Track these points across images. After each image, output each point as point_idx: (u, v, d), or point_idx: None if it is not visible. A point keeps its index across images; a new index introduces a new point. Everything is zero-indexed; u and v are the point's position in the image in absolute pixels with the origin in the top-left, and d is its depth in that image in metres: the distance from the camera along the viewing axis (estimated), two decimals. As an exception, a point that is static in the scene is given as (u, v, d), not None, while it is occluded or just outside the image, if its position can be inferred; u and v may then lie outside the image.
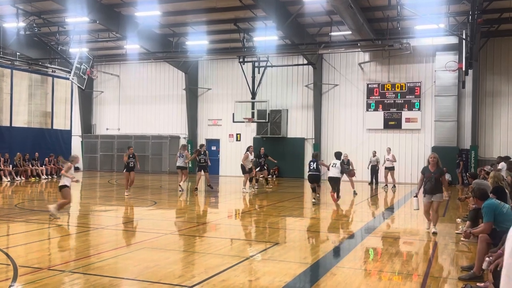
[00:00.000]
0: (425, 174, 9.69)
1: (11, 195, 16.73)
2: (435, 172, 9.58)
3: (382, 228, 11.11)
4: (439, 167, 9.70)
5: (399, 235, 10.23)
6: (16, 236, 9.31)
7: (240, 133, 28.46)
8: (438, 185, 9.56)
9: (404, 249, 8.79)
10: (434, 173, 9.58)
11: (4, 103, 23.89)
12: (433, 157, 9.74)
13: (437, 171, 9.60)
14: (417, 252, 8.61)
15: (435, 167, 9.64)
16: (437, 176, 9.55)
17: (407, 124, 24.84)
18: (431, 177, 9.55)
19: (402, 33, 21.40)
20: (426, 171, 9.69)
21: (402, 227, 11.72)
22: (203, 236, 9.64)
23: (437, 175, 9.56)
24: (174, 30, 25.17)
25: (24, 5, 21.34)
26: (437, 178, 9.56)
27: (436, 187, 9.54)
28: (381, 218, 12.85)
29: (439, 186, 9.58)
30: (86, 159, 31.18)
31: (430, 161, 9.73)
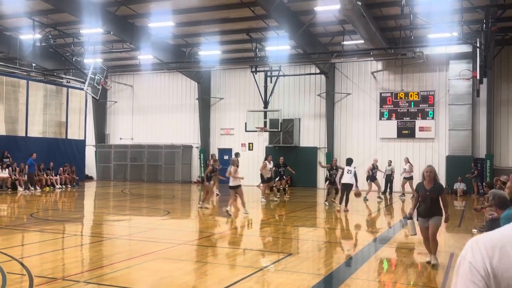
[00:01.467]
0: (419, 192, 7.86)
1: (26, 205, 16.89)
2: (432, 190, 7.65)
3: (397, 238, 10.99)
4: (437, 183, 7.81)
5: (414, 245, 10.11)
6: (31, 246, 9.38)
7: (252, 143, 28.46)
8: (435, 206, 7.70)
9: (419, 260, 8.68)
10: (430, 191, 7.63)
11: (20, 113, 24.21)
12: (428, 171, 7.75)
13: (434, 189, 7.67)
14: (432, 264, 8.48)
15: (432, 183, 7.71)
16: (434, 195, 7.64)
17: (421, 133, 24.65)
18: (426, 197, 7.64)
19: (415, 41, 21.32)
20: (421, 189, 7.79)
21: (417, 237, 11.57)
22: (216, 246, 9.63)
23: (433, 194, 7.64)
24: (187, 40, 25.37)
25: (40, 17, 21.69)
26: (434, 197, 7.68)
27: (433, 209, 7.70)
28: (396, 228, 12.72)
29: (436, 207, 7.74)
30: (99, 168, 31.41)
31: (426, 176, 7.74)
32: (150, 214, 14.71)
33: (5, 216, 14.14)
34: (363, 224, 13.59)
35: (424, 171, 7.85)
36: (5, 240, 9.59)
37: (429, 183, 7.69)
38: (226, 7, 20.13)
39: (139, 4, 20.35)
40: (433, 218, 7.70)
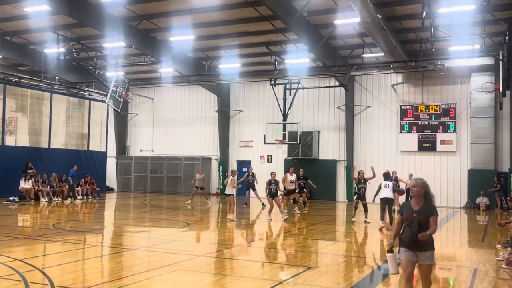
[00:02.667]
0: (403, 213, 5.76)
1: (48, 215, 17.13)
2: (421, 211, 5.61)
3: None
4: (429, 202, 5.68)
5: (436, 260, 9.94)
6: (52, 256, 9.49)
7: (271, 155, 28.47)
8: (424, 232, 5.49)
9: (441, 275, 8.53)
10: (418, 212, 5.61)
11: (44, 125, 24.70)
12: (416, 185, 5.68)
13: (423, 210, 5.62)
14: (455, 279, 8.33)
15: (421, 202, 5.67)
16: (423, 218, 5.56)
17: (442, 146, 24.34)
18: (413, 220, 5.58)
19: (436, 54, 21.18)
20: (407, 209, 5.74)
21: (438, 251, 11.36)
22: (235, 258, 9.61)
23: (423, 217, 5.57)
24: (207, 53, 25.63)
25: (64, 31, 22.19)
26: (424, 221, 5.55)
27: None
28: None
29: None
30: (120, 180, 31.75)
31: (414, 192, 5.70)
32: (170, 225, 14.77)
33: (28, 226, 14.37)
34: (383, 237, 13.42)
35: (412, 186, 5.75)
36: (28, 250, 9.74)
37: (417, 202, 5.67)
38: (245, 20, 20.33)
39: (160, 18, 20.68)
40: (424, 253, 5.56)
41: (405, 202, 5.98)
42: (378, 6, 17.33)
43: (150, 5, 19.35)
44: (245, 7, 18.53)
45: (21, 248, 9.94)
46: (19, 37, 24.05)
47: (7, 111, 22.99)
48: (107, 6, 19.50)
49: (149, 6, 19.48)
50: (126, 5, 19.31)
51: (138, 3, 19.16)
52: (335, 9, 18.58)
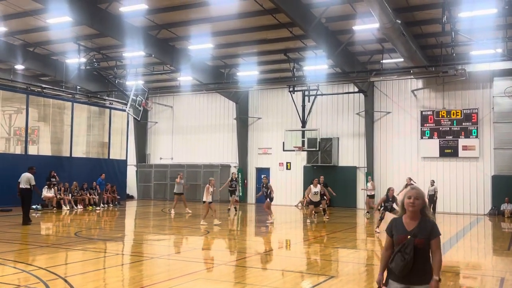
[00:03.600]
0: (394, 235, 4.33)
1: (70, 224, 17.33)
2: (417, 232, 4.21)
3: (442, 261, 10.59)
4: (427, 220, 4.27)
5: (460, 269, 9.74)
6: (74, 265, 9.57)
7: (290, 162, 28.37)
8: (422, 262, 4.20)
9: (466, 285, 8.34)
10: (413, 233, 4.22)
11: (65, 134, 25.06)
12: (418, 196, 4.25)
13: (421, 231, 4.21)
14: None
15: (417, 219, 4.26)
16: (420, 242, 4.20)
17: (464, 152, 23.94)
18: (406, 244, 4.20)
19: (456, 59, 20.89)
20: (398, 230, 4.30)
21: (462, 260, 11.16)
22: (255, 267, 9.55)
23: (420, 240, 4.20)
24: (226, 61, 25.75)
25: (85, 41, 22.54)
26: (422, 246, 4.20)
27: (419, 267, 4.20)
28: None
29: (424, 263, 4.22)
30: (140, 188, 31.99)
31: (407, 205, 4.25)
32: (190, 233, 14.78)
33: (51, 234, 14.54)
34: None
35: (405, 197, 4.26)
36: (51, 258, 9.84)
37: (411, 219, 4.22)
38: (264, 28, 20.36)
39: (179, 27, 20.87)
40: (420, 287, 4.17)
41: (394, 219, 4.34)
42: (398, 12, 17.19)
43: (169, 15, 19.54)
44: (263, 15, 18.58)
45: (44, 257, 10.05)
46: (42, 48, 24.51)
47: (30, 120, 23.40)
48: (127, 16, 19.75)
49: (168, 16, 19.68)
50: (145, 15, 19.54)
51: (157, 13, 19.36)
52: (353, 15, 18.49)
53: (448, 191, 24.15)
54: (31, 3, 17.88)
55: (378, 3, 14.42)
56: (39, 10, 18.94)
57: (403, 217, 4.31)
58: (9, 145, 25.63)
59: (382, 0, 14.45)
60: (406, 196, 4.30)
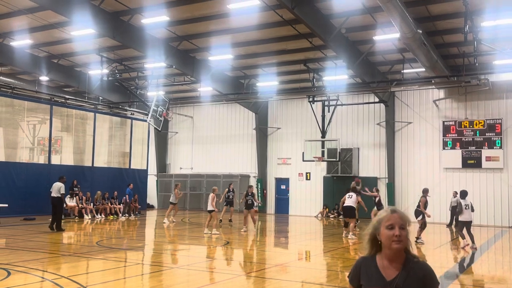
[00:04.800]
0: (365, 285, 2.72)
1: (92, 233, 17.52)
2: (403, 284, 2.61)
3: (466, 275, 10.39)
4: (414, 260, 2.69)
5: (484, 283, 9.52)
6: (96, 274, 9.65)
7: (309, 172, 28.25)
8: None
9: (492, 300, 8.14)
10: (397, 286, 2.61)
11: (87, 144, 25.43)
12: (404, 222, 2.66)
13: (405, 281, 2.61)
14: (507, 304, 7.93)
15: (401, 262, 2.66)
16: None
17: (488, 163, 23.50)
18: None
19: (479, 68, 20.61)
20: (371, 279, 2.69)
21: (487, 274, 10.91)
22: (275, 278, 9.49)
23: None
24: (245, 72, 25.88)
25: (107, 53, 22.93)
26: None
27: None
28: (464, 264, 12.05)
29: None
30: (160, 197, 32.21)
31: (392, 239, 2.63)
32: (210, 243, 14.80)
33: (73, 243, 14.72)
34: (428, 258, 12.99)
35: (382, 225, 2.73)
36: (73, 267, 9.95)
37: (394, 261, 2.69)
38: (283, 39, 20.44)
39: (200, 38, 21.08)
40: None
41: (363, 260, 2.80)
42: (419, 21, 17.07)
43: (190, 26, 19.77)
44: (283, 26, 18.66)
45: (66, 265, 10.17)
46: (66, 59, 25.02)
47: (53, 130, 23.83)
48: (148, 28, 20.06)
49: (189, 27, 19.91)
50: (167, 27, 19.81)
51: (178, 25, 19.61)
52: (374, 25, 18.43)
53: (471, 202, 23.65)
54: (56, 16, 18.31)
55: (399, 13, 14.36)
56: (64, 23, 19.36)
57: (377, 258, 2.73)
58: (33, 155, 26.11)
59: (403, 10, 14.38)
60: (384, 222, 2.70)
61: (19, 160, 23.03)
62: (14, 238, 14.64)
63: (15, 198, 20.78)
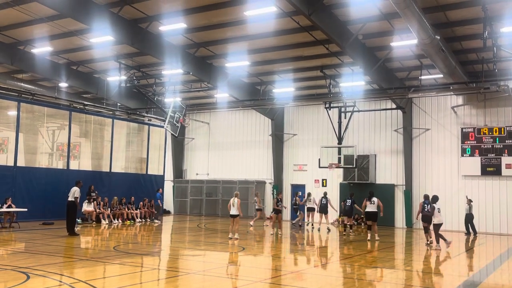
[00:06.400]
0: None
1: (109, 238, 17.66)
2: None
3: (485, 284, 10.21)
4: None
5: (505, 293, 9.34)
6: (112, 279, 9.72)
7: (326, 179, 28.12)
8: None
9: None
10: None
11: (105, 150, 25.70)
12: None
13: None
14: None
15: None
16: None
17: (508, 170, 23.11)
18: None
19: (499, 74, 20.34)
20: None
21: (508, 283, 10.70)
22: (291, 285, 9.45)
23: None
24: (262, 78, 25.94)
25: (125, 60, 23.22)
26: None
27: None
28: (483, 273, 11.84)
29: None
30: (176, 203, 32.37)
31: None
32: (225, 249, 14.80)
33: (90, 248, 14.86)
34: (446, 266, 12.80)
35: None
36: (91, 271, 10.04)
37: None
38: (300, 45, 20.46)
39: (217, 45, 21.23)
40: None
41: None
42: (437, 27, 16.94)
43: (207, 33, 19.92)
44: (300, 32, 18.68)
45: (84, 270, 10.27)
46: (85, 66, 25.39)
47: (72, 136, 24.14)
48: (166, 35, 20.26)
49: (206, 34, 20.05)
50: (184, 34, 19.99)
51: (195, 32, 19.77)
52: (391, 31, 18.35)
53: (491, 210, 23.35)
54: (76, 24, 18.62)
55: (417, 19, 14.27)
56: (83, 30, 19.68)
57: None
58: (52, 160, 26.48)
59: (420, 16, 14.30)
60: None
61: (39, 165, 23.39)
62: (33, 242, 14.84)
63: (34, 202, 21.08)
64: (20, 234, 16.72)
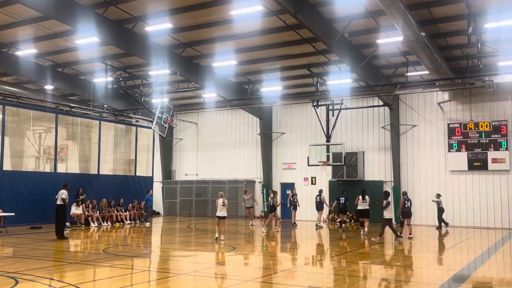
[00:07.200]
0: None
1: (98, 240, 17.54)
2: None
3: (474, 278, 10.32)
4: None
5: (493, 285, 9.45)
6: (103, 282, 9.66)
7: (315, 177, 28.22)
8: None
9: (501, 302, 8.08)
10: None
11: (93, 152, 25.51)
12: None
13: None
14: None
15: None
16: None
17: (494, 165, 23.40)
18: None
19: (483, 70, 20.55)
20: None
21: (496, 276, 10.83)
22: (282, 283, 9.47)
23: None
24: (249, 77, 25.93)
25: (112, 61, 23.05)
26: None
27: None
28: (471, 267, 11.97)
29: None
30: (166, 204, 32.24)
31: None
32: (216, 249, 14.78)
33: (80, 251, 14.74)
34: (436, 261, 12.92)
35: None
36: (81, 275, 9.96)
37: None
38: (286, 44, 20.49)
39: (203, 45, 21.18)
40: None
41: None
42: (422, 24, 17.07)
43: (194, 33, 19.85)
44: (286, 31, 18.70)
45: (74, 273, 10.18)
46: (70, 68, 25.17)
47: (58, 139, 23.92)
48: (152, 36, 20.15)
49: (193, 34, 19.99)
50: (170, 34, 19.90)
51: (182, 32, 19.70)
52: (377, 28, 18.45)
53: (478, 204, 23.63)
54: (60, 25, 18.44)
55: (402, 16, 14.37)
56: (68, 32, 19.50)
57: None
58: (39, 164, 26.21)
59: (405, 13, 14.40)
60: None
61: (25, 169, 23.13)
62: (21, 246, 14.68)
63: (21, 207, 20.84)
64: (7, 239, 16.53)
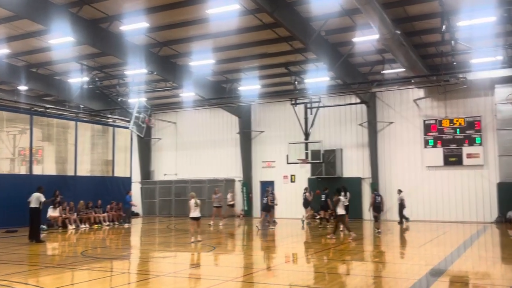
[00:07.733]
0: None
1: (76, 243, 17.30)
2: None
3: (451, 271, 10.52)
4: None
5: (469, 279, 9.65)
6: (81, 285, 9.53)
7: (294, 174, 28.35)
8: None
9: (476, 295, 8.26)
10: None
11: (69, 153, 25.11)
12: None
13: None
14: (491, 299, 8.05)
15: None
16: None
17: (469, 160, 23.88)
18: None
19: (457, 67, 20.97)
20: None
21: (471, 270, 11.06)
22: (263, 282, 9.49)
23: None
24: (227, 76, 25.89)
25: (87, 61, 22.76)
26: None
27: None
28: (448, 260, 12.19)
29: None
30: (145, 204, 31.97)
31: None
32: (196, 250, 14.73)
33: (57, 254, 14.52)
34: (414, 256, 13.12)
35: None
36: (58, 278, 9.81)
37: None
38: (264, 42, 20.53)
39: (180, 44, 21.06)
40: None
41: None
42: (397, 22, 17.30)
43: (170, 32, 19.72)
44: (263, 30, 18.74)
45: (51, 277, 10.01)
46: (45, 68, 24.75)
47: (34, 140, 23.48)
48: (128, 35, 19.95)
49: (169, 33, 19.86)
50: (146, 33, 19.73)
51: (158, 31, 19.55)
52: (353, 27, 18.62)
53: (454, 199, 24.08)
54: (33, 25, 18.11)
55: (377, 14, 14.53)
56: (41, 31, 19.17)
57: None
58: (14, 166, 25.72)
59: (381, 11, 14.57)
60: None
61: (0, 172, 22.64)
62: (-4, 251, 14.37)
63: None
64: (-18, 244, 16.16)
